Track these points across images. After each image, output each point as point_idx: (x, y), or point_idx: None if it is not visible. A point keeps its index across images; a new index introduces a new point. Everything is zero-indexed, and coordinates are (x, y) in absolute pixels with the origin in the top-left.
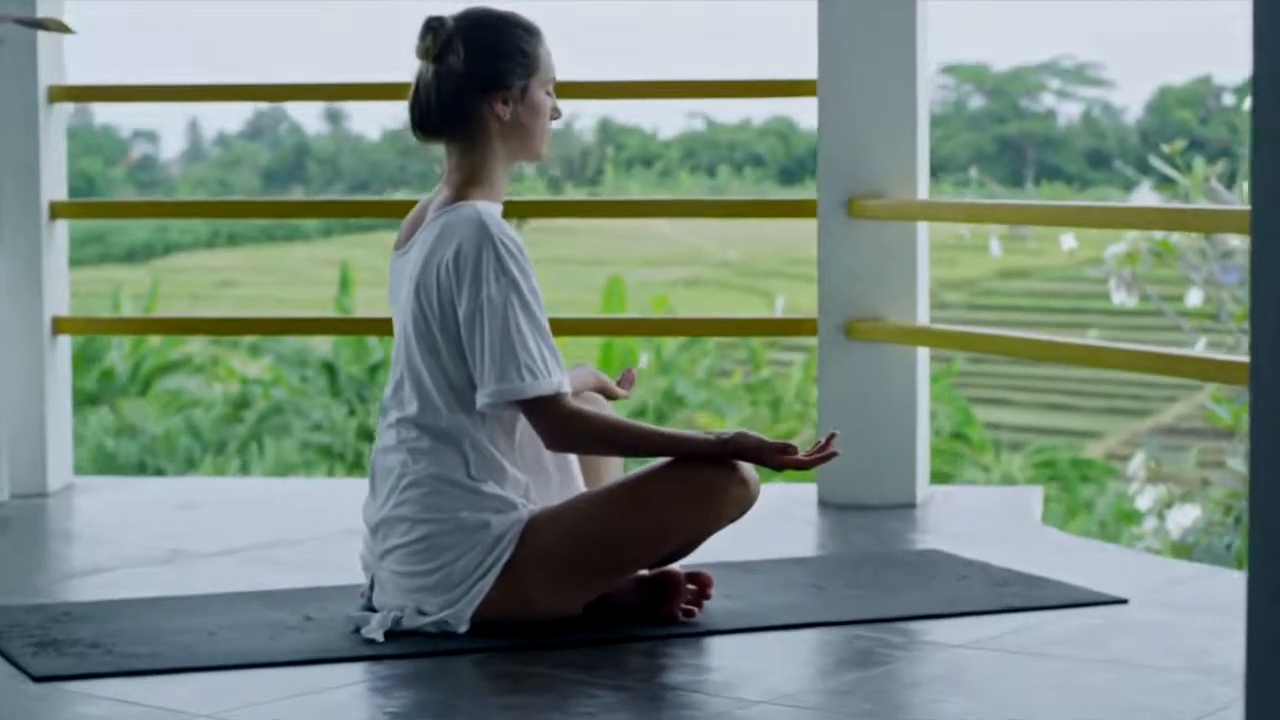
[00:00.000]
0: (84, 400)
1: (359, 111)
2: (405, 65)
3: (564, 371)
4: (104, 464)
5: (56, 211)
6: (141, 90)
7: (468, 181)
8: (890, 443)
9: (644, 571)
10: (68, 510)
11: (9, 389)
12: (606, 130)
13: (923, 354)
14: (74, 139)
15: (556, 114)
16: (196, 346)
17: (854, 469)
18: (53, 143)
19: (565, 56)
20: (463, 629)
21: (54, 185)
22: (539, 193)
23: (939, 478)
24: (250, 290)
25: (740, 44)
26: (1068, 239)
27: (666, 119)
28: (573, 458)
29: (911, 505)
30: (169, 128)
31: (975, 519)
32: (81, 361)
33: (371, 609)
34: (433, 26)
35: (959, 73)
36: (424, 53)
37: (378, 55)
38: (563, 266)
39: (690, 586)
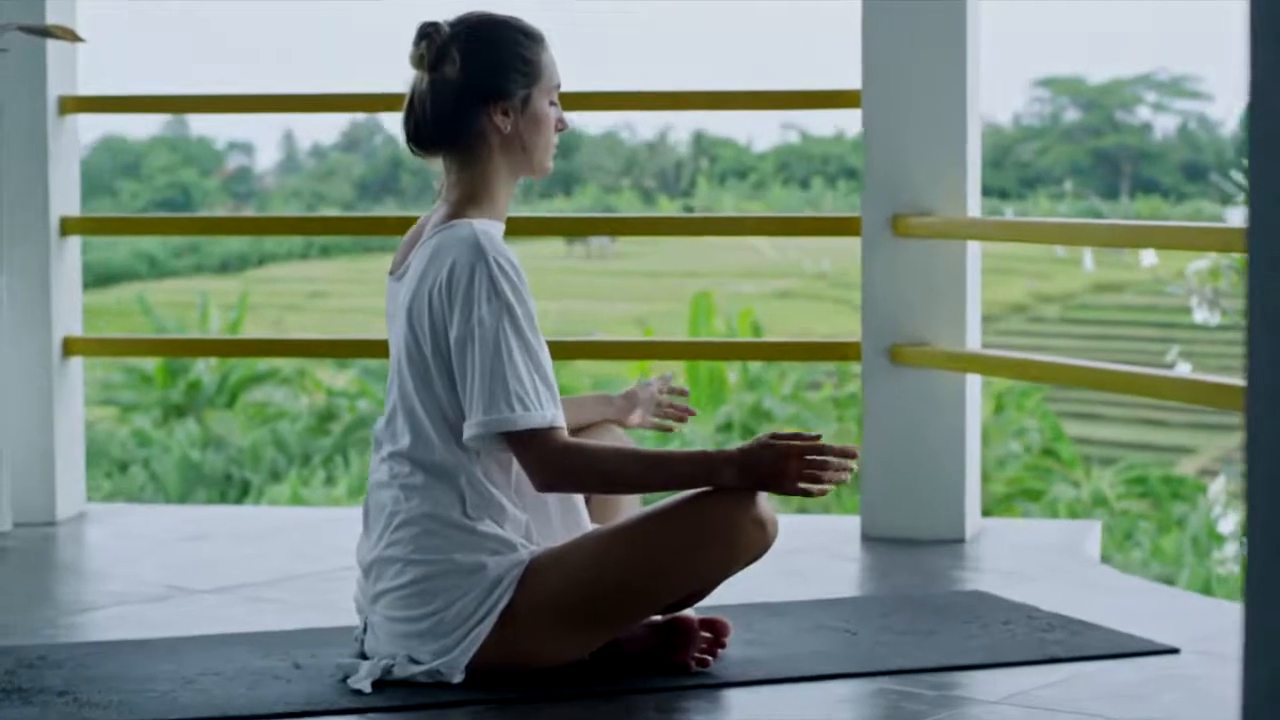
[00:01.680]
0: (171, 412)
1: None
2: None
3: (558, 404)
4: (189, 476)
5: (67, 228)
6: (158, 101)
7: (466, 199)
8: (938, 474)
9: (656, 616)
10: (72, 541)
11: (15, 413)
12: (700, 143)
13: (973, 380)
14: (172, 150)
15: (562, 125)
16: (284, 358)
17: (900, 501)
18: (64, 156)
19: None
20: (457, 679)
21: (65, 200)
22: (633, 204)
23: (1029, 495)
24: (340, 301)
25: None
26: (1148, 255)
27: (761, 131)
28: (578, 495)
29: (960, 540)
30: (264, 139)
31: (1028, 556)
32: (169, 374)
33: (365, 656)
34: (427, 33)
35: (1054, 86)
36: (418, 60)
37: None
38: (658, 279)
39: (705, 634)
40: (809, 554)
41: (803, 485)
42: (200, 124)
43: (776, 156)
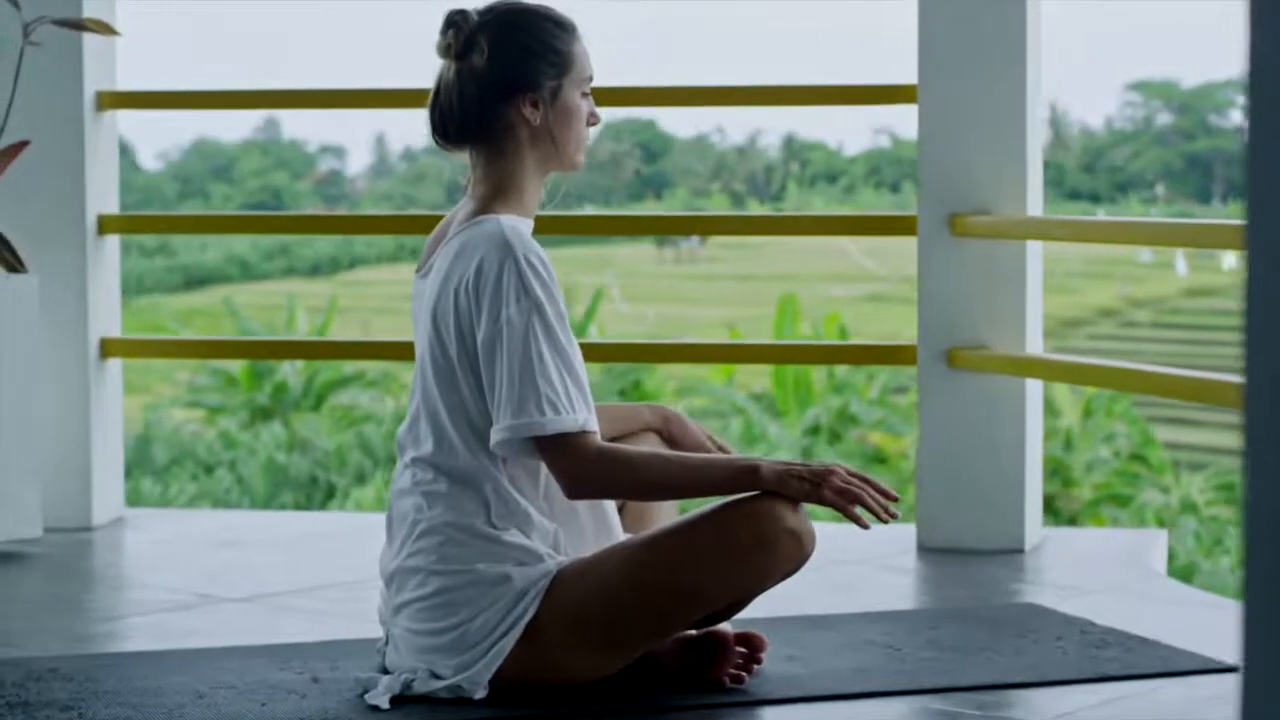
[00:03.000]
0: (257, 415)
1: None
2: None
3: (590, 407)
4: (275, 478)
5: (105, 226)
6: (199, 96)
7: (494, 194)
8: (997, 482)
9: (690, 630)
10: (106, 548)
11: (50, 417)
12: (791, 146)
13: (1033, 386)
14: (264, 153)
15: (594, 119)
16: (370, 360)
17: (957, 510)
18: (102, 152)
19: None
20: (480, 694)
21: (103, 198)
22: (722, 208)
23: (1117, 500)
24: None
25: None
26: (1229, 258)
27: (852, 135)
28: (609, 503)
29: (1019, 551)
30: (356, 142)
31: (1088, 567)
32: (255, 376)
33: (387, 670)
34: (454, 21)
35: (1147, 89)
36: (444, 50)
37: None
38: (747, 283)
39: (740, 649)
40: (861, 565)
41: (838, 498)
42: (292, 127)
43: (867, 160)
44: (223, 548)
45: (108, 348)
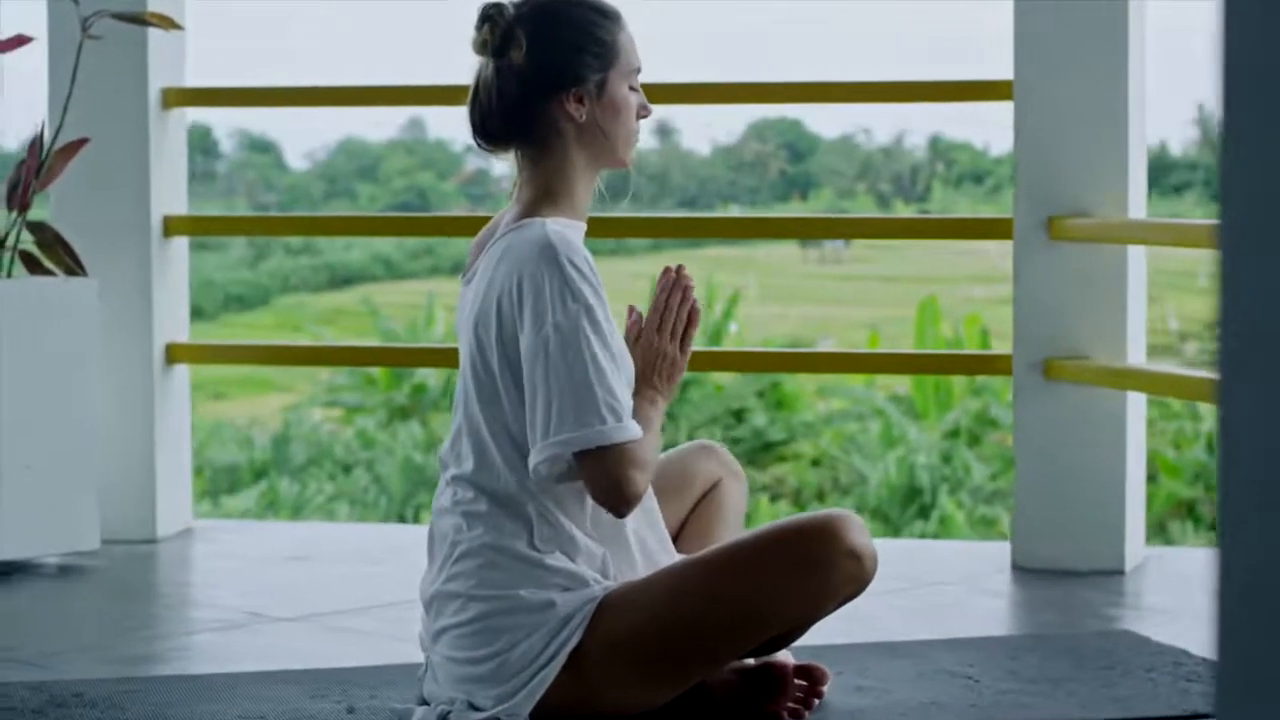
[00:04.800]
0: (395, 414)
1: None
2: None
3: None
4: (412, 478)
5: (171, 228)
6: (267, 94)
7: (542, 196)
8: (1096, 499)
9: (748, 659)
10: (166, 561)
11: (112, 425)
12: (937, 147)
13: (1135, 399)
14: (410, 153)
15: (645, 111)
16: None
17: (1054, 528)
18: (168, 151)
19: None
20: None
21: (169, 198)
22: (867, 208)
23: None
24: None
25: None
26: None
27: (998, 136)
28: (661, 523)
29: (1119, 572)
30: None
31: (1192, 591)
32: (394, 376)
33: (426, 700)
34: (489, 15)
35: None
36: (481, 46)
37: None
38: (891, 285)
39: (800, 681)
40: (950, 586)
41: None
42: (438, 127)
43: (1014, 161)
44: (289, 562)
45: (174, 353)
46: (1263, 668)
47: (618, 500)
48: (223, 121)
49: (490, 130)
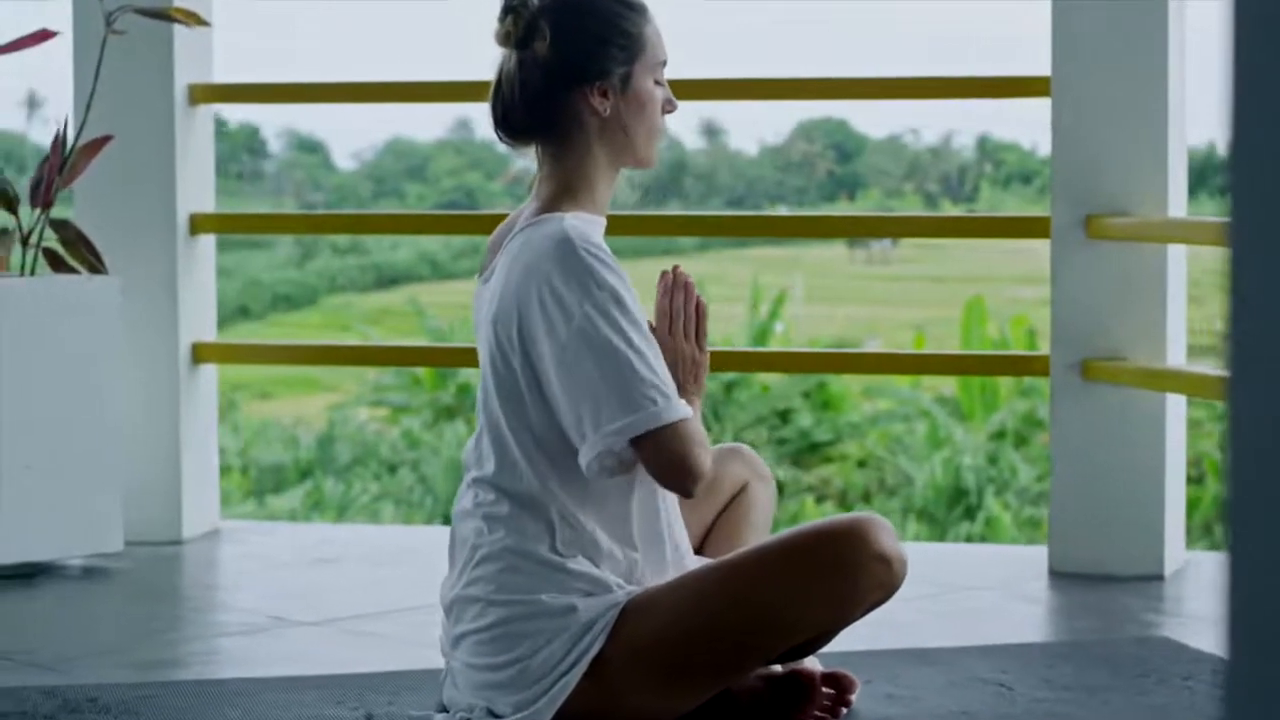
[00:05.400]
0: (441, 414)
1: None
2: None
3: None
4: (457, 478)
5: (197, 225)
6: (294, 90)
7: (561, 192)
8: (1135, 502)
9: (775, 666)
10: (190, 563)
11: (138, 425)
12: (985, 147)
13: (1174, 400)
14: (458, 153)
15: (671, 106)
16: None
17: (1091, 533)
18: (195, 148)
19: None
20: None
21: (196, 195)
22: (915, 209)
23: None
24: None
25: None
26: None
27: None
28: (683, 529)
29: (1159, 577)
30: None
31: None
32: (439, 376)
33: (445, 706)
34: (513, 6)
35: None
36: (504, 37)
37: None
38: (938, 285)
39: (827, 689)
40: (985, 591)
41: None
42: (486, 127)
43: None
44: (315, 565)
45: (200, 353)
46: (1272, 670)
47: (685, 478)
48: (271, 121)
49: (512, 123)
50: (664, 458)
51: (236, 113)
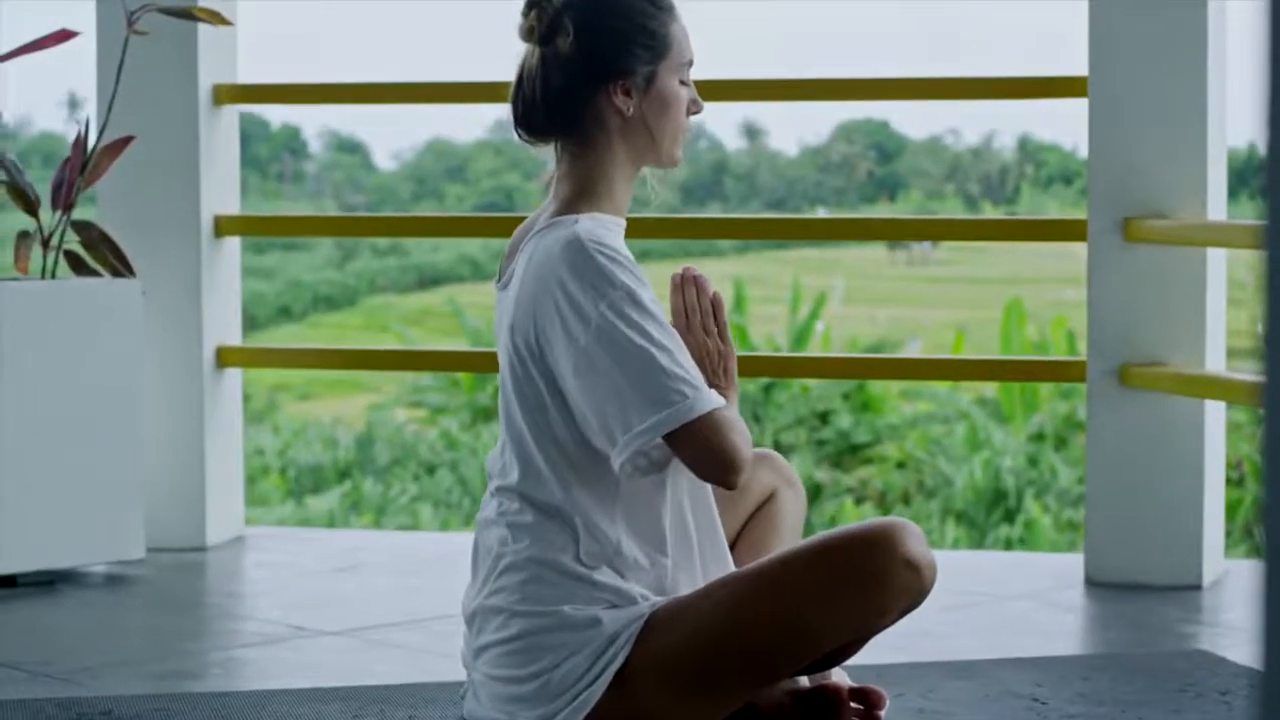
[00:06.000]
0: (479, 415)
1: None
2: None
3: None
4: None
5: (222, 228)
6: (321, 90)
7: (579, 193)
8: (1172, 510)
9: (802, 679)
10: (213, 571)
11: (161, 430)
12: (1026, 148)
13: (1214, 406)
14: (497, 154)
15: (696, 107)
16: None
17: (1128, 541)
18: (219, 149)
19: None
20: None
21: (221, 197)
22: (956, 210)
23: None
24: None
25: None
26: None
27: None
28: (721, 533)
29: (1197, 587)
30: None
31: None
32: (477, 378)
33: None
34: (537, 1)
35: None
36: (527, 33)
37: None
38: (979, 286)
39: (855, 705)
40: (1020, 600)
41: None
42: None
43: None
44: (339, 573)
45: (225, 357)
46: None
47: (726, 470)
48: (311, 121)
49: (532, 121)
50: (701, 450)
51: (278, 113)
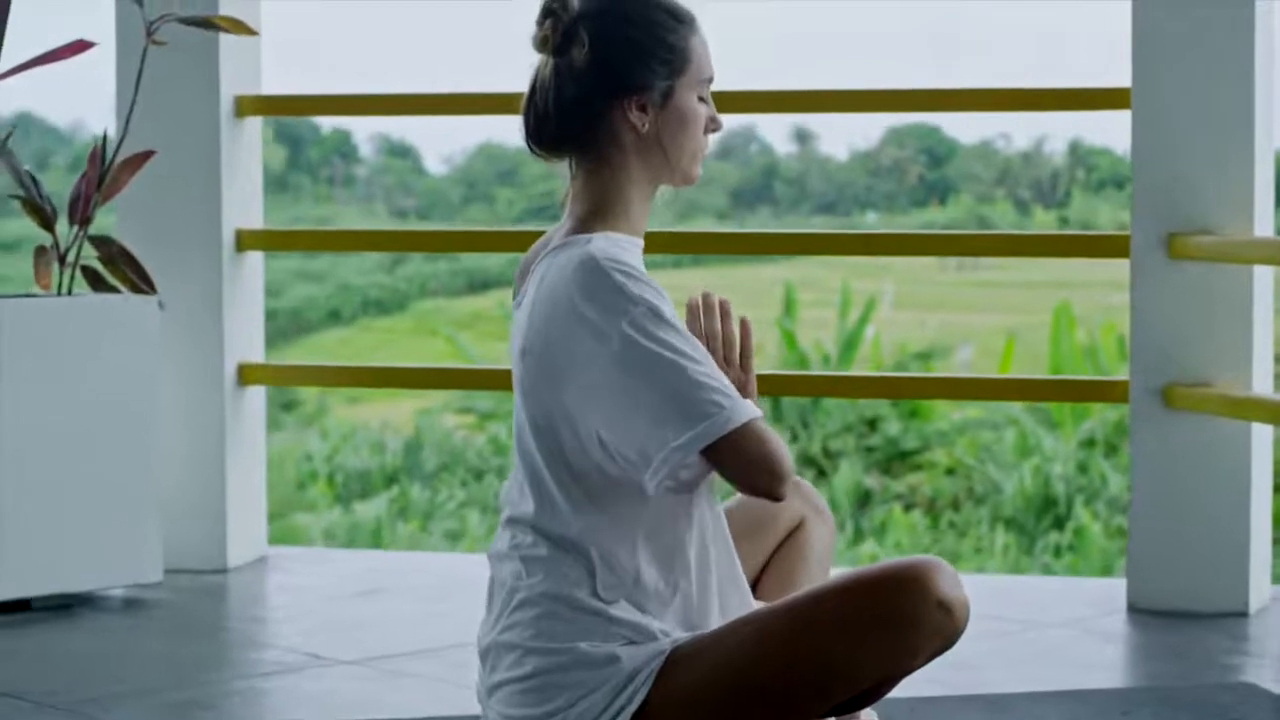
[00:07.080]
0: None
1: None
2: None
3: None
4: None
5: (244, 242)
6: (343, 102)
7: (594, 211)
8: (1218, 535)
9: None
10: (232, 595)
11: (181, 449)
12: (1077, 152)
13: (1260, 428)
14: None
15: (715, 125)
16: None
17: (1172, 567)
18: (241, 162)
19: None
20: None
21: (243, 211)
22: (1006, 215)
23: None
24: None
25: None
26: None
27: None
28: (738, 563)
29: (1243, 614)
30: None
31: None
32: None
33: None
34: (552, 9)
35: None
36: (541, 43)
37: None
38: (1030, 290)
39: None
40: (1061, 628)
41: None
42: None
43: (1131, 174)
44: (361, 596)
45: (247, 374)
46: None
47: (771, 478)
48: (362, 126)
49: (544, 134)
50: (743, 461)
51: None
